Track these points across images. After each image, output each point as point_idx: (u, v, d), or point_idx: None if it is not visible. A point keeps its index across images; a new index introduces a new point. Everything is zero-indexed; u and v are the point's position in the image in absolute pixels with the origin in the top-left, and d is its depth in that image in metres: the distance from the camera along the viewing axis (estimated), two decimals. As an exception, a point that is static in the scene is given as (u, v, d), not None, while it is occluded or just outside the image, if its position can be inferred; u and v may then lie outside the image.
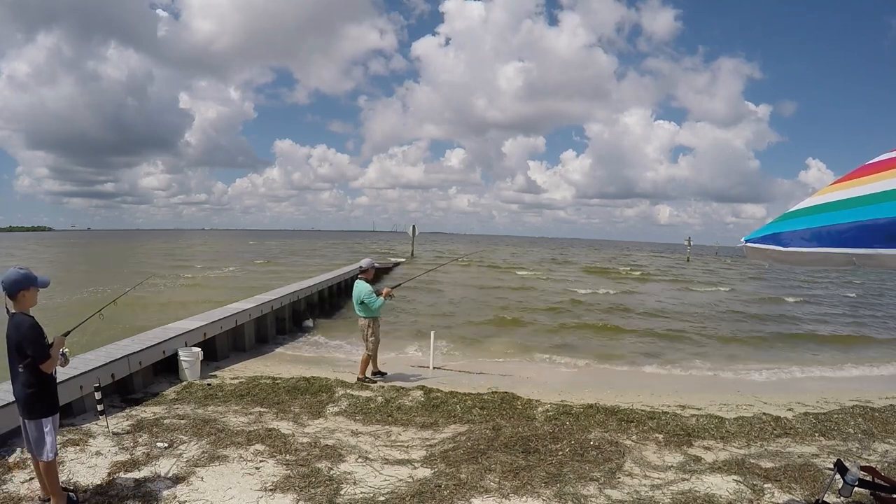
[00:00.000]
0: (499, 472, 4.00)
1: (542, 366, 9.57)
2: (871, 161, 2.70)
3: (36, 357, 3.05)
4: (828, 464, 4.30)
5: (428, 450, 4.55)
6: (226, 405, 5.62)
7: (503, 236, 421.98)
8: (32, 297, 3.14)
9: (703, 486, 3.89)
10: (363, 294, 6.92)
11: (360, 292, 6.94)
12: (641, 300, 20.49)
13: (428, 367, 8.49)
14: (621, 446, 4.65)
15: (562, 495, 3.67)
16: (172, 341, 6.82)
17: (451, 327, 12.99)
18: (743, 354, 11.08)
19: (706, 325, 14.96)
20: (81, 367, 5.20)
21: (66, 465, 3.90)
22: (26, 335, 3.03)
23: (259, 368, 7.66)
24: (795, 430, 5.34)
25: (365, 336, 7.11)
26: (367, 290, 6.94)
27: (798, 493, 3.80)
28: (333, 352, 9.65)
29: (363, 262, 7.29)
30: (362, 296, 6.92)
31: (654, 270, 39.91)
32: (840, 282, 31.70)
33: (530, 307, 17.36)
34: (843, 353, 11.48)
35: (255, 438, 4.54)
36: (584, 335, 12.79)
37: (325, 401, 5.94)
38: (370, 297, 6.90)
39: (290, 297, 11.54)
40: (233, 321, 8.58)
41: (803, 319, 16.66)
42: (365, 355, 7.15)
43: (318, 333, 11.32)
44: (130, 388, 5.98)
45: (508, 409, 5.80)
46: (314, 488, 3.66)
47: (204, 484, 3.70)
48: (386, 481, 3.84)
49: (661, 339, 12.51)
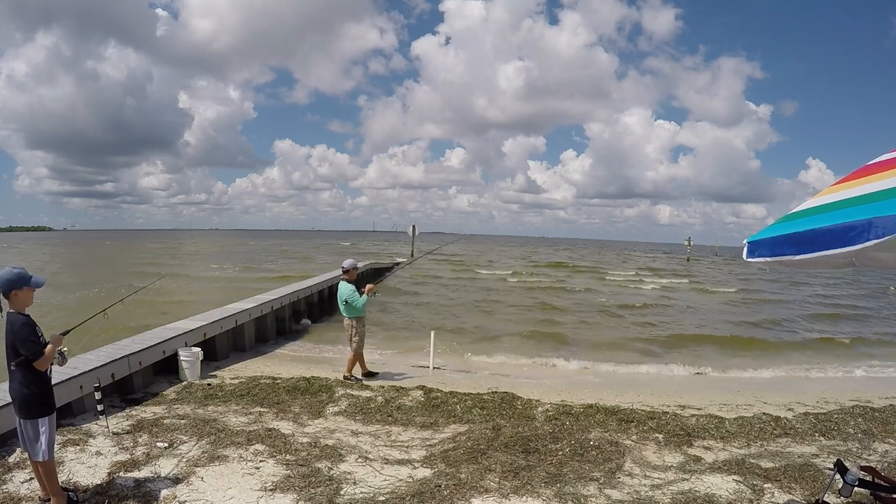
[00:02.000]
0: (499, 472, 4.00)
1: (542, 366, 9.57)
2: (872, 161, 2.70)
3: (28, 355, 3.05)
4: (828, 464, 4.29)
5: (428, 450, 4.54)
6: (226, 405, 5.62)
7: (503, 236, 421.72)
8: (26, 296, 3.13)
9: (703, 486, 3.89)
10: (346, 294, 7.09)
11: (343, 292, 7.13)
12: (641, 300, 20.49)
13: (428, 367, 8.50)
14: (621, 446, 4.65)
15: (562, 495, 3.67)
16: (172, 341, 6.82)
17: (451, 327, 12.99)
18: (743, 354, 11.09)
19: (706, 325, 14.97)
20: (81, 367, 5.20)
21: (66, 464, 3.90)
22: (18, 334, 3.03)
23: (259, 368, 7.66)
24: (795, 430, 5.33)
25: (350, 336, 7.22)
26: (350, 290, 7.10)
27: (798, 493, 3.79)
28: (333, 352, 9.64)
29: (345, 263, 7.41)
30: (345, 295, 7.10)
31: (652, 271, 39.91)
32: (841, 283, 31.69)
33: (531, 306, 17.37)
34: (843, 353, 11.49)
35: (255, 438, 4.53)
36: (585, 335, 12.79)
37: (325, 401, 5.94)
38: (353, 296, 7.06)
39: (290, 297, 11.55)
40: (233, 321, 8.58)
41: (803, 319, 16.65)
42: (351, 355, 7.25)
43: (318, 333, 11.33)
44: (130, 388, 5.97)
45: (508, 409, 5.79)
46: (314, 488, 3.66)
47: (204, 484, 3.70)
48: (386, 481, 3.84)
49: (661, 339, 12.51)
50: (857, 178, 2.62)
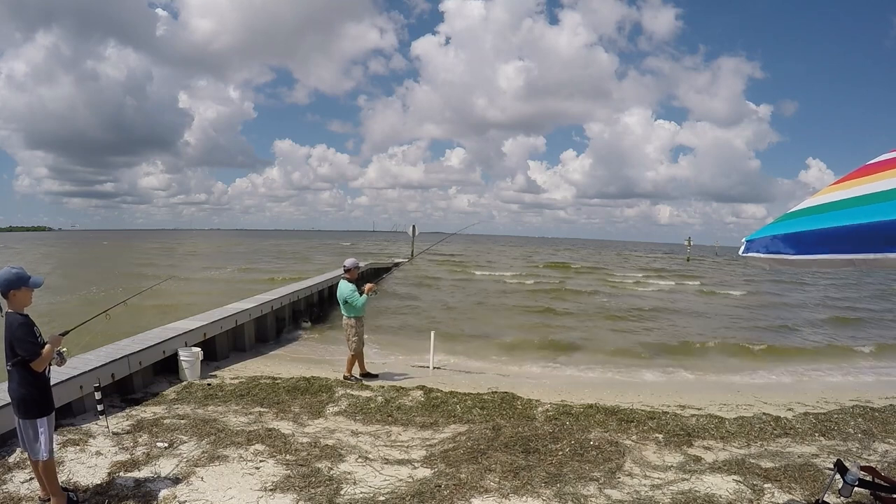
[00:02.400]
0: (499, 472, 4.00)
1: (542, 366, 9.57)
2: (872, 161, 2.70)
3: (26, 355, 3.05)
4: (828, 464, 4.29)
5: (428, 450, 4.54)
6: (226, 405, 5.62)
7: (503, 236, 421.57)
8: (24, 296, 3.13)
9: (703, 486, 3.89)
10: (346, 293, 7.10)
11: (343, 291, 7.15)
12: (641, 300, 20.48)
13: (428, 367, 8.50)
14: (621, 446, 4.65)
15: (562, 495, 3.67)
16: (172, 341, 6.82)
17: (451, 327, 12.99)
18: (743, 354, 11.08)
19: (706, 325, 14.97)
20: (81, 367, 5.20)
21: (66, 465, 3.90)
22: (16, 334, 3.03)
23: (259, 368, 7.66)
24: (795, 430, 5.33)
25: (348, 336, 7.23)
26: (350, 289, 7.12)
27: (798, 493, 3.79)
28: (333, 352, 9.63)
29: (346, 262, 7.44)
30: (345, 295, 7.10)
31: (654, 271, 39.90)
32: (842, 284, 31.66)
33: (531, 307, 17.36)
34: (843, 353, 11.49)
35: (255, 438, 4.53)
36: (585, 335, 12.79)
37: (325, 401, 5.94)
38: (353, 295, 7.08)
39: (290, 297, 11.55)
40: (233, 321, 8.59)
41: (804, 319, 16.65)
42: (350, 355, 7.26)
43: (317, 333, 11.33)
44: (130, 388, 5.98)
45: (508, 409, 5.79)
46: (314, 488, 3.66)
47: (204, 484, 3.70)
48: (386, 481, 3.84)
49: (660, 339, 12.51)
50: (857, 178, 2.61)
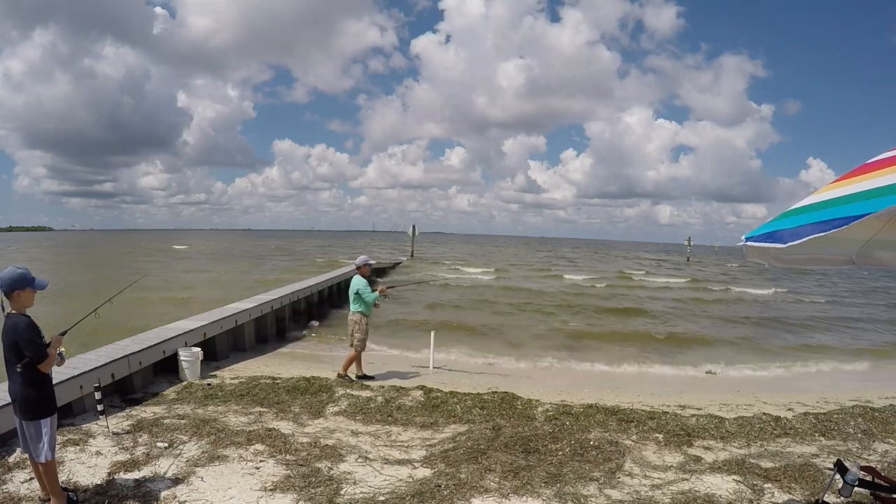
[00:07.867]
0: (499, 472, 4.00)
1: (542, 366, 9.57)
2: (872, 160, 2.70)
3: (34, 357, 3.04)
4: (828, 464, 4.30)
5: (428, 450, 4.54)
6: (226, 405, 5.61)
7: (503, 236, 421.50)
8: (28, 297, 3.13)
9: (703, 486, 3.89)
10: (359, 285, 7.21)
11: (356, 284, 7.24)
12: (641, 300, 20.48)
13: (428, 367, 8.50)
14: (621, 446, 4.65)
15: (562, 495, 3.67)
16: (172, 341, 6.82)
17: (451, 327, 12.99)
18: (743, 354, 11.08)
19: (706, 325, 14.97)
20: (81, 367, 5.20)
21: (65, 465, 3.90)
22: (23, 335, 3.02)
23: (259, 368, 7.66)
24: (795, 430, 5.33)
25: (352, 331, 7.25)
26: (364, 283, 7.25)
27: (798, 493, 3.79)
28: (333, 352, 9.63)
29: (358, 260, 7.61)
30: (358, 286, 7.19)
31: (654, 270, 39.89)
32: (842, 284, 31.65)
33: (530, 307, 17.35)
34: (843, 353, 11.48)
35: (255, 438, 4.53)
36: (584, 335, 12.79)
37: (325, 401, 5.94)
38: (366, 289, 7.19)
39: (290, 297, 11.55)
40: (233, 321, 8.59)
41: (804, 319, 16.65)
42: (352, 353, 7.26)
43: (318, 333, 11.34)
44: (130, 388, 5.97)
45: (508, 408, 5.79)
46: (314, 488, 3.65)
47: (204, 484, 3.70)
48: (386, 481, 3.84)
49: (660, 339, 12.51)
50: (856, 176, 2.61)
